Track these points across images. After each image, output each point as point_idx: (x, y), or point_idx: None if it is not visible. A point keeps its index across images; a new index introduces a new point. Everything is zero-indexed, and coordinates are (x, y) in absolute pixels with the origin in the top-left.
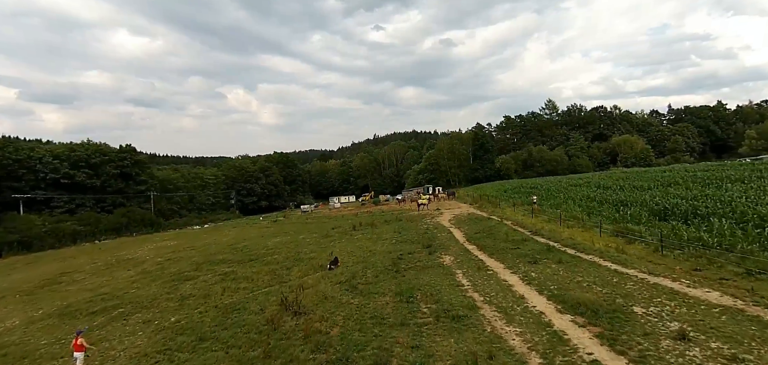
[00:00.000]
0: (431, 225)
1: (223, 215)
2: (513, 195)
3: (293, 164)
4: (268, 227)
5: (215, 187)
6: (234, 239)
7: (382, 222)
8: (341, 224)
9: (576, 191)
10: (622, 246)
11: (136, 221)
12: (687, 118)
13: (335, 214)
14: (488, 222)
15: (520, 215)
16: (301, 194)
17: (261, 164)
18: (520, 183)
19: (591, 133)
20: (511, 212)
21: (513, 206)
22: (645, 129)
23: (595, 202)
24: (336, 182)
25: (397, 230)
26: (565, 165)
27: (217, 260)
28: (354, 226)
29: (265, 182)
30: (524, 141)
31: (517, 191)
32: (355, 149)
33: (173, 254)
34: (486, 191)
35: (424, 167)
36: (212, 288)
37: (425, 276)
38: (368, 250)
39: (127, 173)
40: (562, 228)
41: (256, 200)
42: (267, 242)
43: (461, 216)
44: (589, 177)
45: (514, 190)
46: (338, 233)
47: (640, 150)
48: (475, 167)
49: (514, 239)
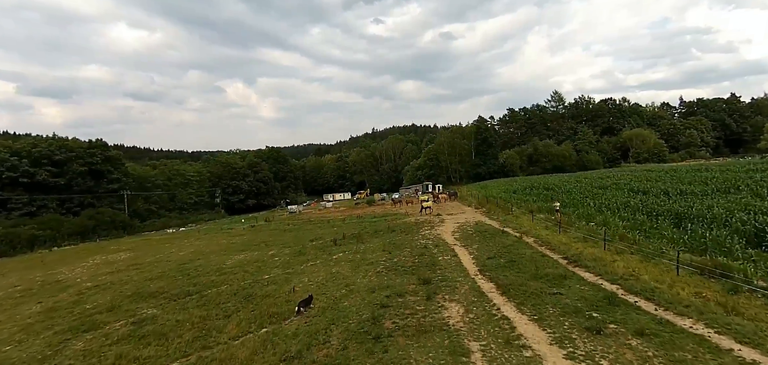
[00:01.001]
0: (430, 242)
1: (206, 215)
2: (524, 197)
3: (284, 160)
4: (241, 235)
5: (199, 185)
6: (192, 253)
7: (372, 233)
8: (323, 234)
9: (605, 195)
10: (726, 299)
11: (106, 224)
12: (700, 111)
13: (323, 216)
14: (503, 239)
15: (543, 229)
16: (293, 191)
17: (250, 160)
18: (529, 182)
19: (600, 127)
20: (529, 222)
21: (529, 213)
22: (655, 123)
23: (641, 212)
24: (331, 179)
25: (387, 247)
26: (573, 161)
27: (148, 293)
28: (335, 240)
29: (254, 179)
30: (529, 135)
31: (528, 192)
32: (353, 143)
33: (111, 275)
34: (491, 191)
35: (423, 163)
36: (107, 352)
37: (419, 354)
38: (345, 284)
39: (97, 171)
40: (612, 256)
41: (243, 199)
42: (227, 260)
43: (467, 226)
44: (608, 175)
45: (524, 190)
46: (315, 249)
47: (653, 145)
48: (478, 163)
49: (548, 273)
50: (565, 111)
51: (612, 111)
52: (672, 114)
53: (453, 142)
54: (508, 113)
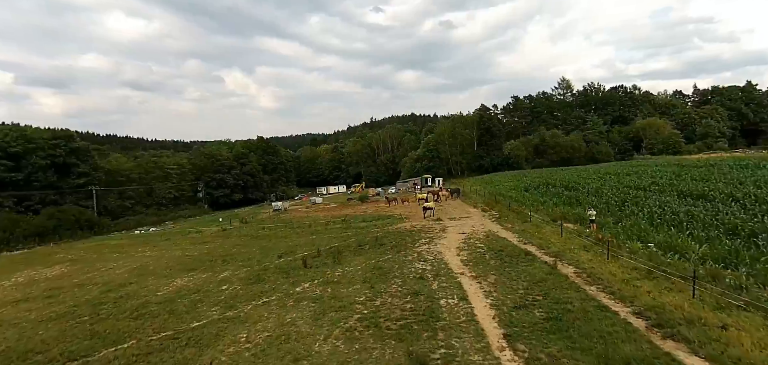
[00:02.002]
0: (428, 267)
1: (186, 211)
2: (540, 197)
3: (275, 151)
4: (203, 243)
5: (180, 178)
6: (131, 272)
7: (355, 248)
8: (297, 246)
9: (648, 199)
10: None
11: (69, 224)
12: (715, 99)
13: (309, 215)
14: (530, 266)
15: (581, 250)
16: (284, 184)
17: (237, 151)
18: (541, 177)
19: (610, 116)
20: (556, 236)
21: (552, 221)
22: (668, 112)
23: (715, 228)
24: (326, 170)
25: (370, 275)
26: (583, 152)
27: (24, 351)
28: (306, 260)
29: (240, 171)
30: (535, 125)
31: (543, 190)
32: (351, 133)
33: (12, 309)
34: (499, 187)
35: (422, 154)
36: None
37: None
38: (294, 357)
39: (61, 164)
40: (714, 314)
41: (228, 193)
42: (163, 287)
43: (476, 239)
44: (633, 169)
45: (538, 188)
46: (278, 274)
47: (668, 135)
48: (480, 154)
49: (627, 356)
50: (573, 99)
51: (623, 99)
52: (685, 102)
53: (454, 132)
54: (512, 100)
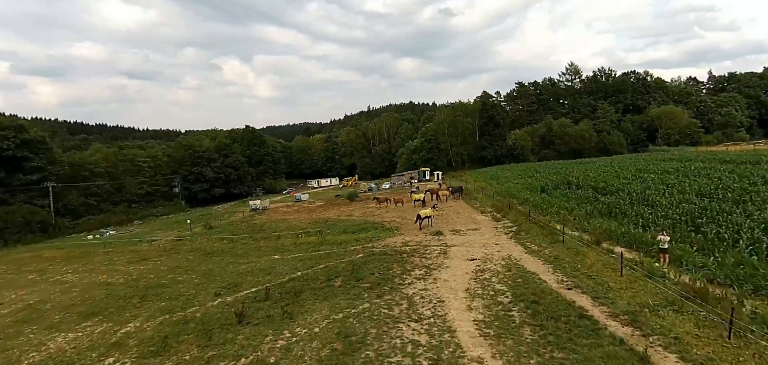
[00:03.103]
0: (424, 337)
1: (160, 209)
2: (563, 199)
3: (261, 141)
4: (141, 263)
5: (153, 171)
6: (12, 317)
7: (322, 282)
8: (250, 272)
9: (722, 211)
10: None
11: (17, 226)
12: (732, 87)
13: (286, 218)
14: (597, 350)
15: (673, 314)
16: (271, 176)
17: (220, 142)
18: (556, 172)
19: (622, 104)
20: (615, 276)
21: (598, 245)
22: (683, 100)
23: None
24: (319, 161)
25: (331, 349)
26: (594, 143)
27: None
28: (241, 315)
29: (221, 164)
30: (540, 113)
31: (564, 191)
32: (347, 122)
33: None
34: (508, 185)
35: (419, 145)
36: None
37: None
38: None
39: (10, 158)
40: None
41: (208, 188)
42: (33, 350)
43: (494, 279)
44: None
45: (556, 187)
46: (193, 338)
47: (686, 125)
48: (483, 145)
49: None
50: (581, 86)
51: (635, 86)
52: (699, 90)
53: (454, 120)
54: (516, 87)
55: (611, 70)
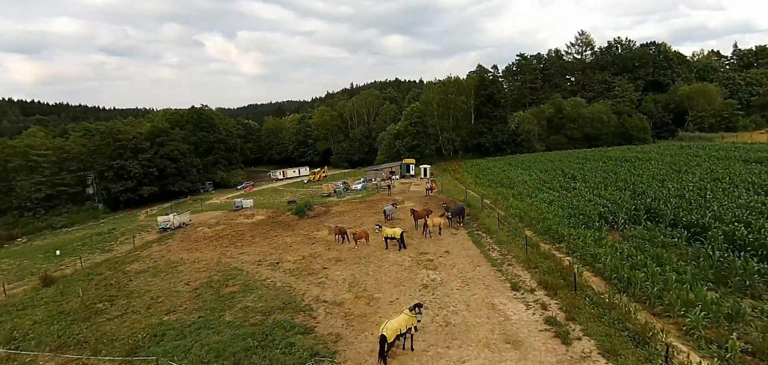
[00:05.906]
0: None
1: (64, 217)
2: (653, 248)
3: (211, 125)
4: None
5: (56, 167)
6: None
7: None
8: None
9: None
10: None
11: None
12: (761, 62)
13: (187, 258)
14: None
15: None
16: (223, 168)
17: (155, 126)
18: (602, 176)
19: (641, 80)
20: None
21: None
22: (708, 76)
23: None
24: (291, 145)
25: None
26: (613, 127)
27: None
28: None
29: (153, 155)
30: (545, 91)
31: (650, 228)
32: (328, 100)
33: None
34: (533, 200)
35: (403, 129)
36: None
37: None
38: None
39: None
40: None
41: (134, 186)
42: None
43: None
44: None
45: (616, 204)
46: None
47: (721, 106)
48: (480, 130)
49: None
50: (593, 59)
51: (656, 60)
52: (724, 65)
53: (445, 100)
54: (517, 60)
55: (629, 41)
